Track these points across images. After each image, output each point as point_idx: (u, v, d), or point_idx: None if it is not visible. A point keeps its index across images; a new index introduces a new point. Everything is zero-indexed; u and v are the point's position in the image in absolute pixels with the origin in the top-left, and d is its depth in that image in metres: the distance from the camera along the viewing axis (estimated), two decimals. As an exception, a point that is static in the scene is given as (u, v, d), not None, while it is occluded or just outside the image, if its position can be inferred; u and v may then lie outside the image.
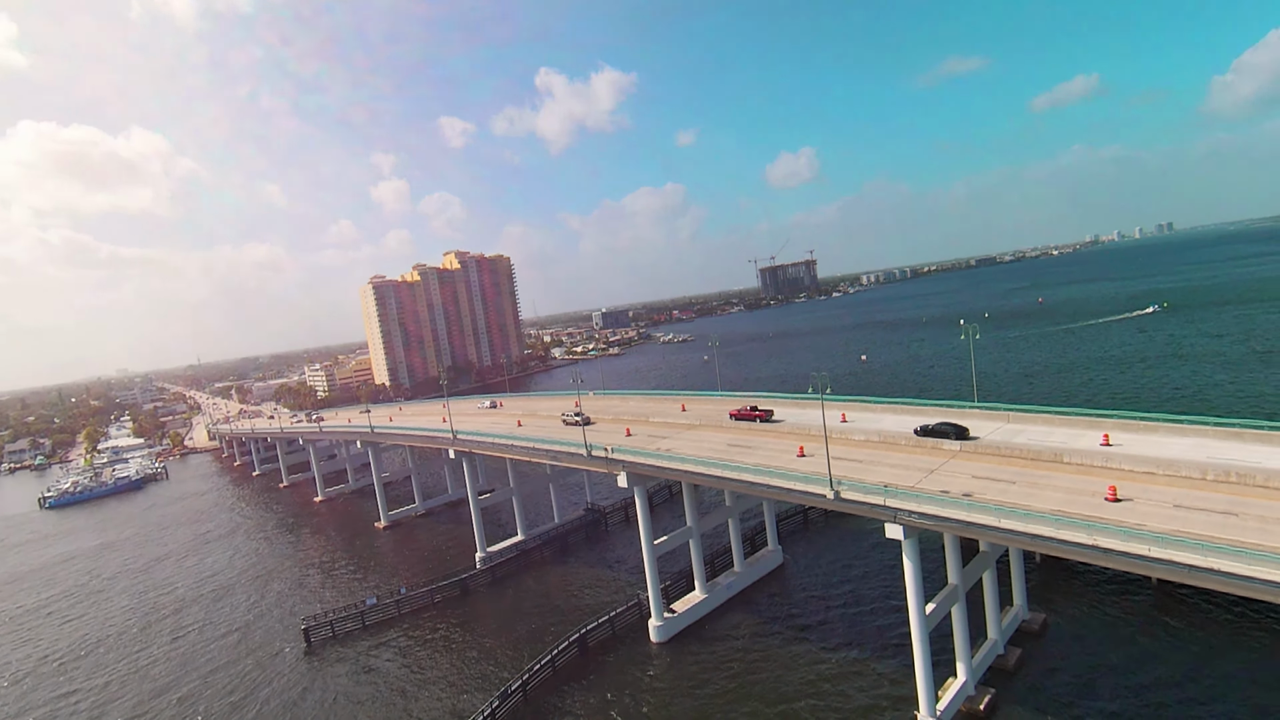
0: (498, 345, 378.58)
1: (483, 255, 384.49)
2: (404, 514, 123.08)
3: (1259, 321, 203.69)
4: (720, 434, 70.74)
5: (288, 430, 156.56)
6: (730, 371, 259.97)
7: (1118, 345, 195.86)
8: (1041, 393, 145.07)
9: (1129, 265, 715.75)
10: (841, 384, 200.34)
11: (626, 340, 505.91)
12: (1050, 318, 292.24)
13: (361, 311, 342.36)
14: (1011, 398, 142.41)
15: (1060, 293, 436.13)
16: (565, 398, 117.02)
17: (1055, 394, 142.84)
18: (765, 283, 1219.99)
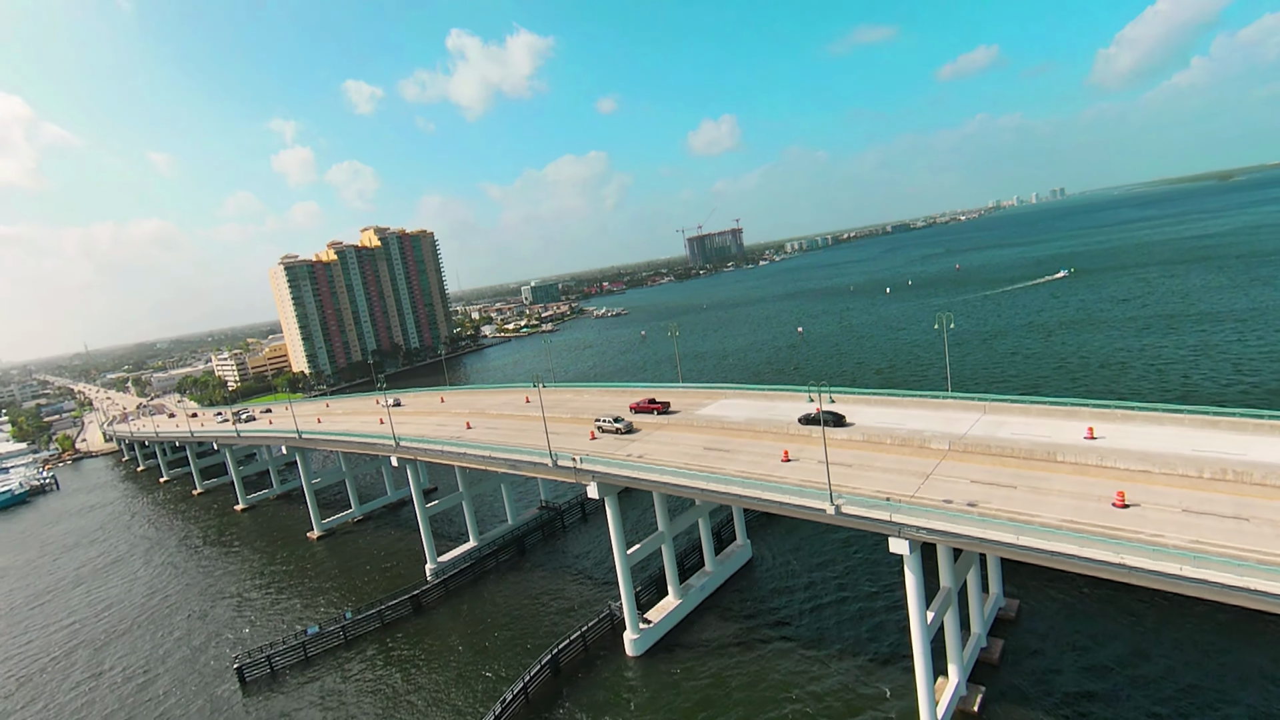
0: (425, 326, 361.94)
1: (404, 231, 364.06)
2: (339, 521, 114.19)
3: (1156, 286, 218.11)
4: (692, 433, 67.11)
5: (200, 434, 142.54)
6: (671, 347, 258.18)
7: (1037, 311, 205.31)
8: (977, 363, 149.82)
9: (1030, 230, 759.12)
10: (782, 357, 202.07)
11: (559, 316, 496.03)
12: (969, 285, 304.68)
13: (273, 294, 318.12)
14: (950, 371, 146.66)
15: (974, 259, 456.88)
16: (514, 390, 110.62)
17: (989, 364, 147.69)
18: (693, 252, 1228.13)
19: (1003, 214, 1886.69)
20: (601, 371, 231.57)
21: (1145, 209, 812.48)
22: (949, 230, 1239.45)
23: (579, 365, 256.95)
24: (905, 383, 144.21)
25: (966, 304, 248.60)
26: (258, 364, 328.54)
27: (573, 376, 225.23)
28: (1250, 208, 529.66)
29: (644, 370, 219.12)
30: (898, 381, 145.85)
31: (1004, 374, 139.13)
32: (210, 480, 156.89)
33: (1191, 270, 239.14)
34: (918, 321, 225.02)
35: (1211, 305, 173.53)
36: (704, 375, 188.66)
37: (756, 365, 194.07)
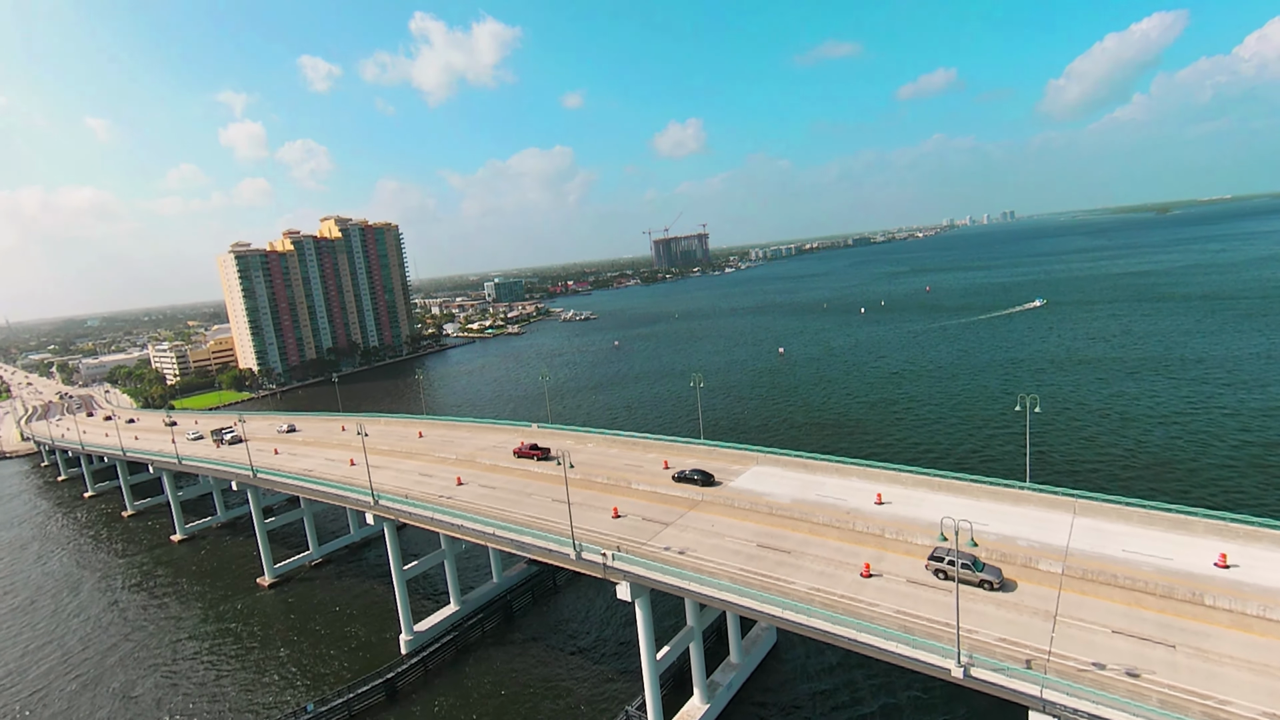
0: (385, 324, 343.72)
1: (367, 223, 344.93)
2: (295, 565, 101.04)
3: (1130, 324, 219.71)
4: (735, 518, 57.74)
5: (134, 454, 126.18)
6: (647, 363, 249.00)
7: (1020, 345, 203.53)
8: (980, 398, 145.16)
9: (988, 252, 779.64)
10: (763, 380, 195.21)
11: (525, 317, 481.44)
12: (944, 310, 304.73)
13: (220, 281, 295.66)
14: (954, 404, 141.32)
15: (941, 280, 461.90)
16: (506, 430, 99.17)
17: (994, 399, 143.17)
18: (659, 254, 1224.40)
19: (957, 233, 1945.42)
20: (578, 385, 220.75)
21: (1095, 238, 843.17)
22: (908, 247, 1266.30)
23: (553, 378, 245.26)
24: (903, 421, 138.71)
25: (945, 331, 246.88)
26: (200, 357, 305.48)
27: (550, 394, 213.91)
28: (1192, 244, 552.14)
29: (622, 386, 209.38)
30: (895, 419, 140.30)
31: (1001, 416, 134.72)
32: (143, 500, 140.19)
33: (1160, 310, 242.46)
34: (899, 348, 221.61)
35: (1196, 350, 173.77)
36: (685, 397, 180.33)
37: (740, 388, 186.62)
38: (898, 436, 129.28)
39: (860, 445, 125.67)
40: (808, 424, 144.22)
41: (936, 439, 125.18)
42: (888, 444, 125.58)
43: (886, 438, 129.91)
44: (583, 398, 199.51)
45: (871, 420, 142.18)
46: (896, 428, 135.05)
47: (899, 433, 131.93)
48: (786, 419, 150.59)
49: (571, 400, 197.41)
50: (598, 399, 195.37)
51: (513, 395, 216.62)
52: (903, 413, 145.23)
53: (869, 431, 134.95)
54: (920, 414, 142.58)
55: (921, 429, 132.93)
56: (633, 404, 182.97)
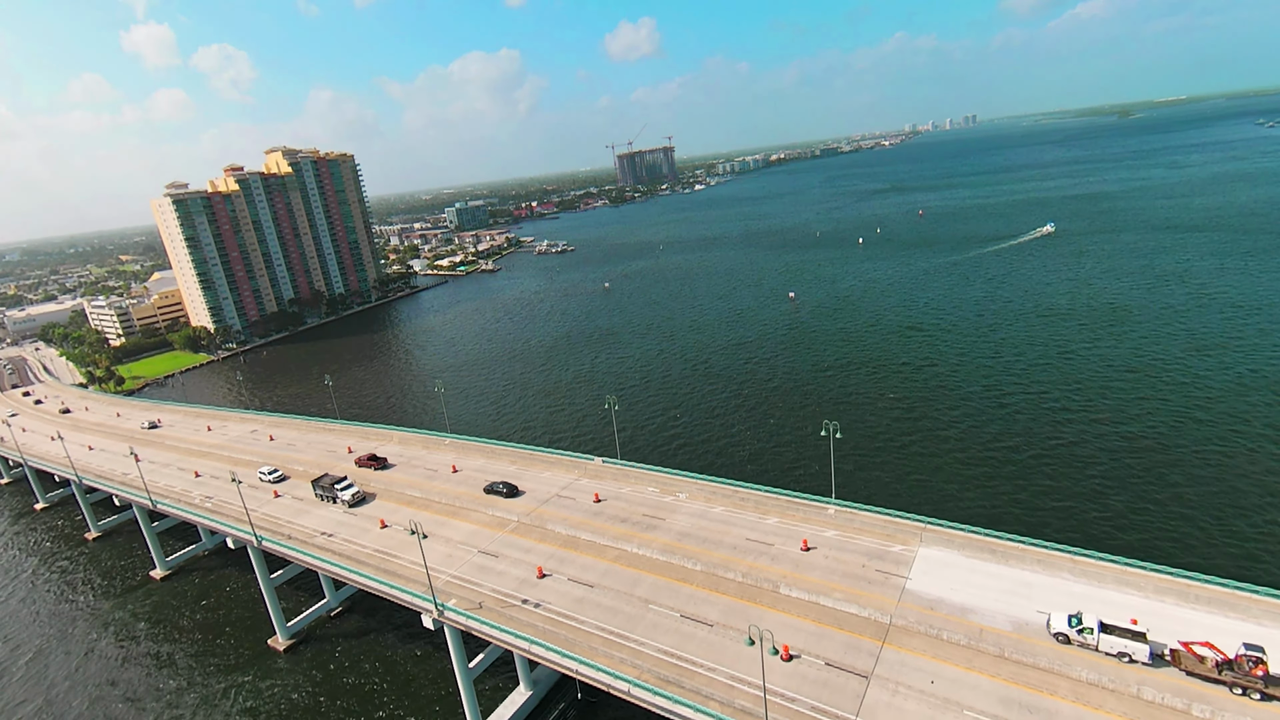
0: (350, 268, 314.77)
1: (318, 153, 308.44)
2: (312, 617, 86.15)
3: (1155, 260, 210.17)
4: (957, 665, 44.33)
5: (91, 480, 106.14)
6: (646, 312, 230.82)
7: (1041, 284, 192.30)
8: (1021, 361, 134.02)
9: (963, 164, 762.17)
10: (779, 338, 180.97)
11: (496, 250, 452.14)
12: (947, 242, 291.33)
13: (158, 229, 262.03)
14: (996, 368, 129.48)
15: (930, 201, 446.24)
16: (486, 451, 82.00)
17: (1036, 359, 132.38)
18: (623, 170, 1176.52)
19: (922, 140, 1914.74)
20: (575, 340, 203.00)
21: (1069, 148, 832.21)
22: (878, 157, 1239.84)
23: (544, 329, 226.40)
24: (972, 403, 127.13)
25: (958, 269, 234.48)
26: (146, 314, 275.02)
27: (545, 348, 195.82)
28: (1170, 154, 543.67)
29: (625, 342, 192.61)
30: (959, 399, 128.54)
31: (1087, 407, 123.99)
32: (111, 519, 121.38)
33: (1174, 241, 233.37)
34: (917, 293, 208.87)
35: (1234, 292, 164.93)
36: (706, 360, 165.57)
37: (757, 349, 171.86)
38: (921, 384, 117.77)
39: (952, 451, 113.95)
40: (860, 419, 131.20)
41: (942, 377, 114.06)
42: (988, 445, 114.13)
43: (974, 435, 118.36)
44: (586, 361, 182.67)
45: (932, 405, 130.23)
46: (923, 384, 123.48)
47: (981, 422, 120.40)
48: (831, 400, 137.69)
49: (574, 365, 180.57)
50: (606, 363, 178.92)
51: (507, 350, 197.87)
52: (961, 387, 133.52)
53: (942, 424, 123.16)
54: (931, 354, 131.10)
55: (995, 416, 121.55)
56: (649, 373, 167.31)
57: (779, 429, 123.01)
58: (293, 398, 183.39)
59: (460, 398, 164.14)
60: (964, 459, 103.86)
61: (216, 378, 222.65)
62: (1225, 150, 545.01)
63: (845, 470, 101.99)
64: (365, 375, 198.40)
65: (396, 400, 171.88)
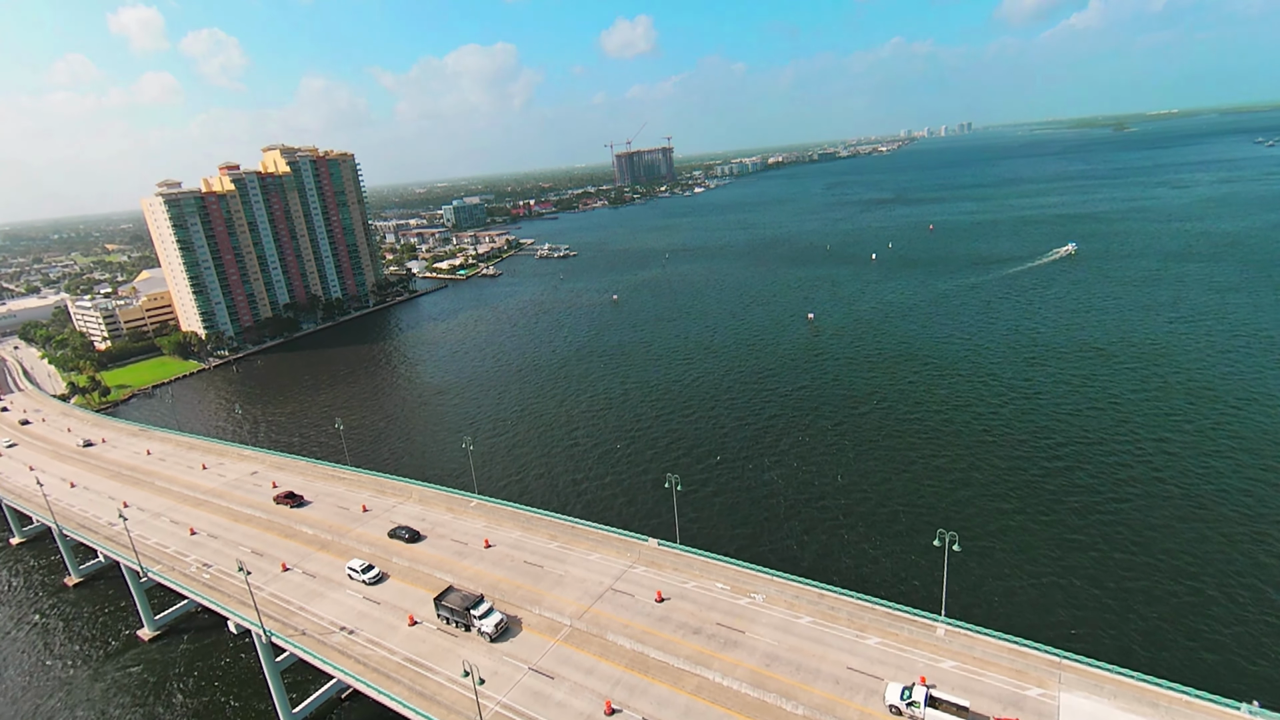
0: (348, 271, 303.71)
1: (318, 152, 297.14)
2: (322, 699, 76.97)
3: (1187, 293, 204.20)
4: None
5: (74, 531, 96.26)
6: (659, 330, 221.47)
7: (1074, 314, 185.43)
8: (1065, 405, 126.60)
9: (963, 174, 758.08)
10: (799, 366, 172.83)
11: (496, 253, 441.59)
12: (963, 261, 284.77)
13: (150, 238, 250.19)
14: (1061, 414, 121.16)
15: (937, 215, 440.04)
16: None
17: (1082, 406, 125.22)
18: (621, 169, 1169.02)
19: (919, 146, 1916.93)
20: (588, 359, 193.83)
21: (1070, 160, 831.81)
22: (876, 164, 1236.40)
23: (552, 345, 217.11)
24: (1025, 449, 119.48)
25: (975, 290, 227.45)
26: (133, 317, 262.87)
27: (555, 368, 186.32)
28: (1176, 171, 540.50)
29: (640, 363, 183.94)
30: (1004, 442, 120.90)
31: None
32: (94, 562, 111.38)
33: (1200, 272, 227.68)
34: (937, 316, 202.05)
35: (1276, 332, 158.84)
36: (726, 387, 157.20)
37: (777, 379, 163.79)
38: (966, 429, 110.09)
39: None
40: (918, 485, 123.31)
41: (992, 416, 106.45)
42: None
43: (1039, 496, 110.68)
44: (600, 386, 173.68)
45: (929, 412, 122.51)
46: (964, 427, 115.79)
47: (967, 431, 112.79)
48: (882, 456, 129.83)
49: (589, 390, 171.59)
50: (622, 389, 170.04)
51: (514, 367, 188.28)
52: (1005, 427, 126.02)
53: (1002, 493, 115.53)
54: (970, 390, 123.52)
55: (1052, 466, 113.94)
56: (669, 403, 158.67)
57: (829, 490, 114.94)
58: (290, 418, 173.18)
59: (466, 423, 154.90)
60: (1065, 546, 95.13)
61: (208, 389, 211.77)
62: (1230, 170, 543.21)
63: (915, 557, 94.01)
64: (365, 393, 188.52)
65: (399, 425, 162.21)
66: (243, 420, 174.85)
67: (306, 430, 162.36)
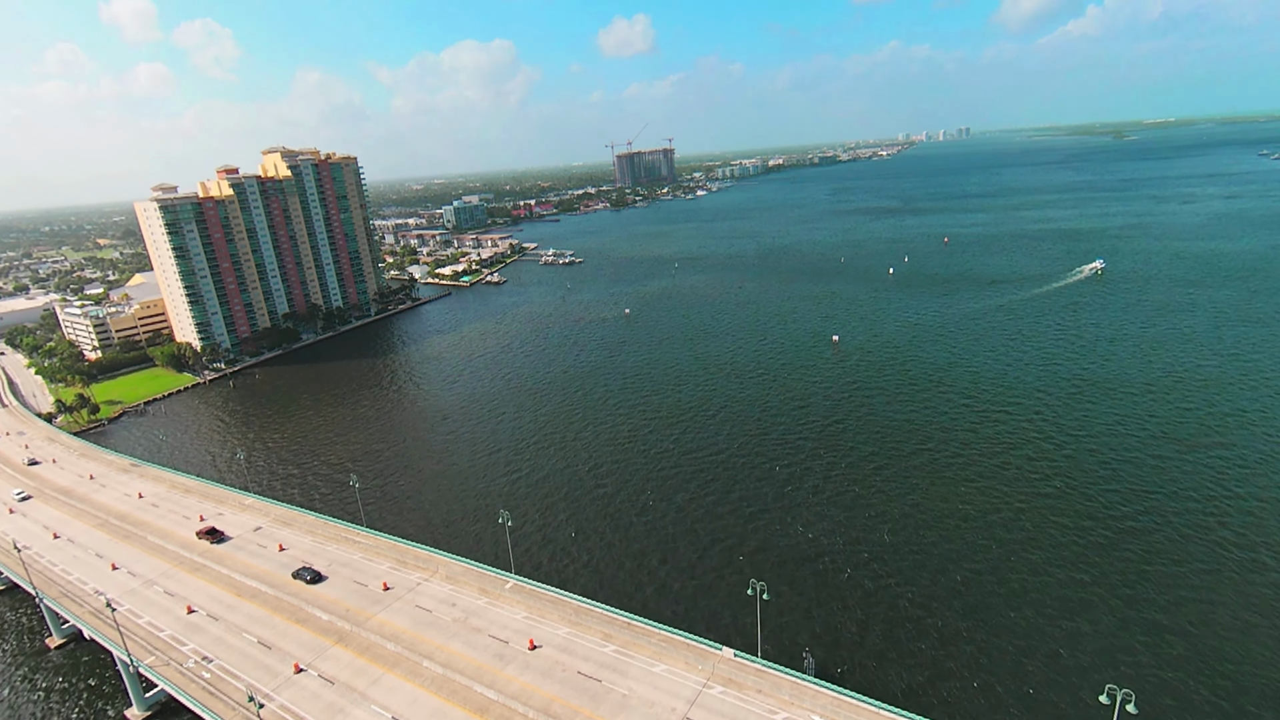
0: (349, 279, 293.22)
1: (320, 156, 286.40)
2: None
3: (1218, 318, 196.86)
4: None
5: (54, 605, 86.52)
6: (677, 351, 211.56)
7: (1109, 342, 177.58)
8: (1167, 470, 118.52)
9: (968, 181, 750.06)
10: (839, 397, 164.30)
11: (500, 258, 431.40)
12: (984, 279, 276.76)
13: (142, 238, 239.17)
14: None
15: (950, 226, 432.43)
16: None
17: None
18: (622, 170, 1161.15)
19: (919, 151, 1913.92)
20: (603, 381, 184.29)
21: (1076, 169, 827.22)
22: (879, 169, 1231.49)
23: (561, 364, 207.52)
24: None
25: (1009, 313, 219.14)
26: (125, 326, 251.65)
27: (569, 392, 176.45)
28: (1186, 183, 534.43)
29: (661, 388, 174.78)
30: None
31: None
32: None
33: (1235, 296, 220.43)
34: (966, 340, 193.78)
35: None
36: (769, 433, 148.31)
37: (809, 411, 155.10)
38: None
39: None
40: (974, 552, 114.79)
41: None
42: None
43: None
44: (621, 416, 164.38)
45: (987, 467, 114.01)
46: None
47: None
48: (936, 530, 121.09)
49: (608, 420, 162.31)
50: (640, 416, 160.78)
51: (524, 388, 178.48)
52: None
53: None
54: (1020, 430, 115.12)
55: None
56: (694, 434, 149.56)
57: (881, 552, 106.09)
58: (291, 444, 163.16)
59: (481, 459, 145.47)
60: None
61: (204, 406, 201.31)
62: (1238, 184, 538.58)
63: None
64: (370, 417, 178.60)
65: (410, 461, 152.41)
66: (245, 458, 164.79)
67: (305, 460, 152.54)
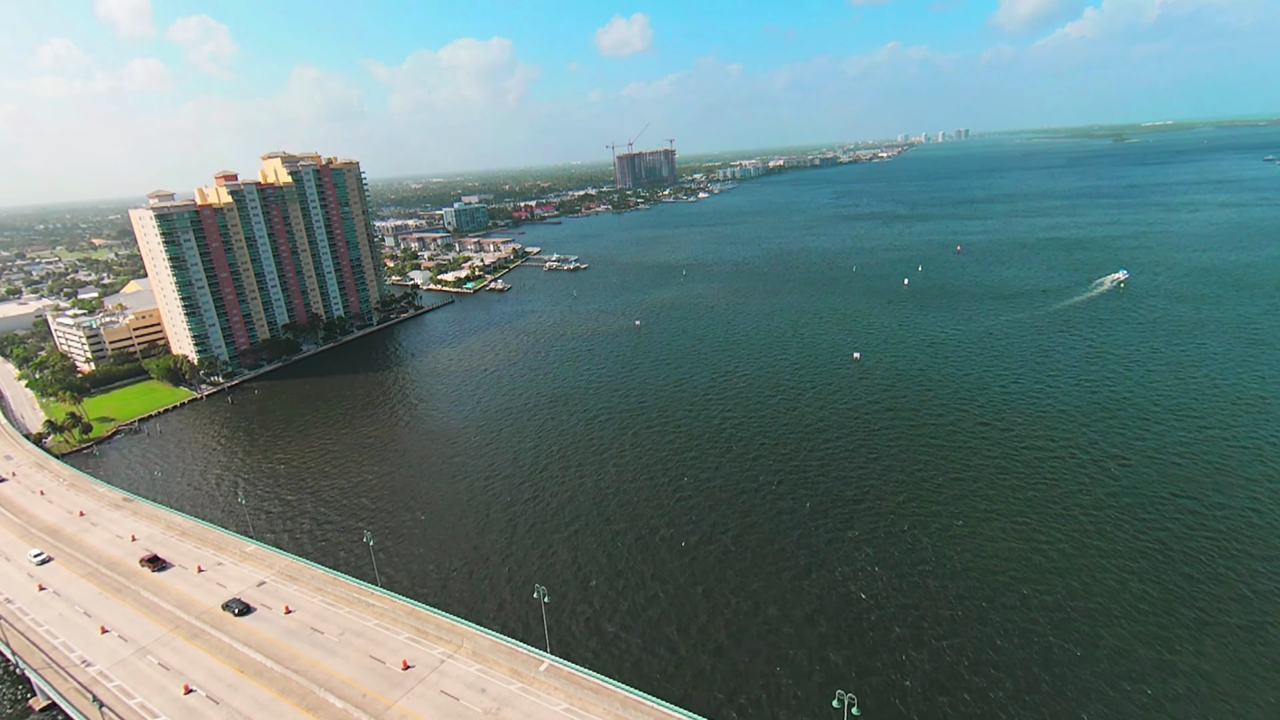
0: (351, 287, 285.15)
1: (321, 161, 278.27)
2: None
3: (1253, 336, 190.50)
4: None
5: (32, 673, 78.98)
6: (692, 367, 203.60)
7: (1145, 364, 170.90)
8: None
9: (972, 184, 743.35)
10: (862, 418, 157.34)
11: (503, 263, 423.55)
12: (1001, 292, 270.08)
13: (137, 241, 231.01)
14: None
15: (960, 234, 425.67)
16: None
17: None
18: (622, 170, 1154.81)
19: (918, 153, 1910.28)
20: (620, 403, 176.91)
21: (1081, 175, 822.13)
22: (879, 171, 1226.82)
23: (572, 381, 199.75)
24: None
25: (1034, 329, 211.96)
26: (119, 337, 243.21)
27: (580, 413, 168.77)
28: (1198, 191, 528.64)
29: (679, 407, 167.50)
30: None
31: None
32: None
33: (1266, 312, 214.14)
34: (987, 355, 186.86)
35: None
36: (793, 461, 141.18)
37: (847, 452, 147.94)
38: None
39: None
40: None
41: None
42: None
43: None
44: (644, 439, 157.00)
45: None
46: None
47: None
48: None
49: (626, 443, 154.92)
50: (658, 434, 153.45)
51: (534, 408, 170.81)
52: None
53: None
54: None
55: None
56: (714, 464, 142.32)
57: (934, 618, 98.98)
58: (294, 476, 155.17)
59: (493, 489, 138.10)
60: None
61: (201, 425, 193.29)
62: (1247, 191, 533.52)
63: None
64: (375, 442, 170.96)
65: (420, 490, 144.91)
66: (245, 501, 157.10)
67: (309, 497, 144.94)
